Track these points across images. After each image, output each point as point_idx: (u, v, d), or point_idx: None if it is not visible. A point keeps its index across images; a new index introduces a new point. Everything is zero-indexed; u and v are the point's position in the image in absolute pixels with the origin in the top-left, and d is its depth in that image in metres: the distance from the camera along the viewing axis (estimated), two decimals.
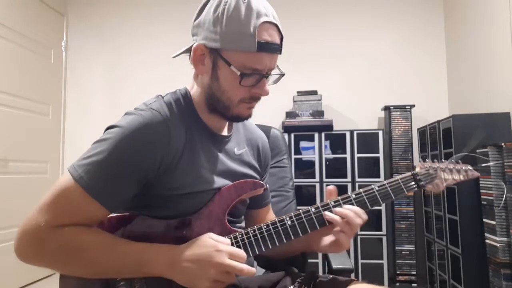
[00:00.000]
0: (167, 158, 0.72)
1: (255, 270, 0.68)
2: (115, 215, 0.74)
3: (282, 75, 0.79)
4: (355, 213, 0.74)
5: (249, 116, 0.81)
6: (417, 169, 0.81)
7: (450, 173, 0.82)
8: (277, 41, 0.73)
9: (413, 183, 0.79)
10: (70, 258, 0.67)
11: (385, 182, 0.77)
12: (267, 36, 0.70)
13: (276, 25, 0.72)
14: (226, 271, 0.65)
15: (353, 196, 0.76)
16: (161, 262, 0.67)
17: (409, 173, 0.79)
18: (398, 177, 0.79)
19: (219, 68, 0.73)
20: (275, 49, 0.72)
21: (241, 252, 0.68)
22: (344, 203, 0.76)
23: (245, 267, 0.66)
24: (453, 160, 0.84)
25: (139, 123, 0.70)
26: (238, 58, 0.71)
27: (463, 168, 0.83)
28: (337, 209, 0.75)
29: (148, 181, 0.72)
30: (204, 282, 0.65)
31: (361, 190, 0.77)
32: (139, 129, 0.69)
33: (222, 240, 0.69)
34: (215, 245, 0.67)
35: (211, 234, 0.70)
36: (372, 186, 0.77)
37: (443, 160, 0.83)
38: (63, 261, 0.67)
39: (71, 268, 0.68)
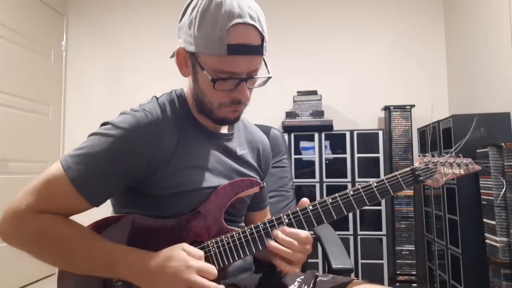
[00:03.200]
0: (157, 158, 0.72)
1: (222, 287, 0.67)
2: (113, 215, 0.74)
3: (269, 77, 0.75)
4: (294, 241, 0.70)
5: (236, 119, 0.79)
6: (416, 164, 0.80)
7: (450, 167, 0.80)
8: (255, 42, 0.68)
9: (412, 178, 0.77)
10: (45, 246, 0.67)
11: (383, 178, 0.76)
12: (241, 38, 0.67)
13: (254, 26, 0.68)
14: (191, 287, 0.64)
15: (351, 193, 0.75)
16: (131, 268, 0.66)
17: (408, 168, 0.78)
18: (397, 172, 0.77)
19: (197, 71, 0.73)
20: (251, 51, 0.68)
21: (211, 268, 0.65)
22: (342, 200, 0.74)
23: (213, 285, 0.64)
24: (453, 154, 0.83)
25: (130, 124, 0.71)
26: (210, 62, 0.69)
27: (464, 161, 0.81)
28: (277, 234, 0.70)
29: (136, 180, 0.73)
30: None
31: (359, 186, 0.76)
32: (129, 129, 0.70)
33: (194, 253, 0.66)
34: (185, 260, 0.64)
35: (185, 246, 0.67)
36: (370, 182, 0.76)
37: (443, 154, 0.82)
38: (39, 248, 0.68)
39: (46, 256, 0.69)
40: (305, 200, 0.76)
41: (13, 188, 2.35)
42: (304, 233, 0.71)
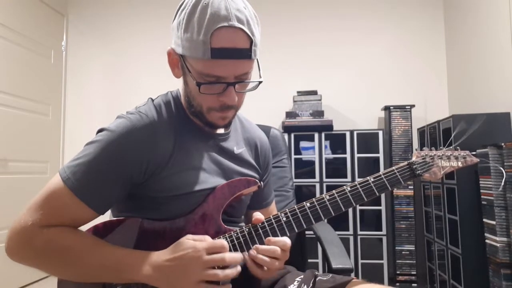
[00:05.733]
0: (154, 161, 0.72)
1: (241, 255, 0.67)
2: (112, 219, 0.74)
3: (260, 82, 0.73)
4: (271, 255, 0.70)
5: (225, 126, 0.79)
6: (413, 158, 0.80)
7: (447, 160, 0.80)
8: (242, 46, 0.66)
9: (409, 172, 0.77)
10: (55, 258, 0.67)
11: (381, 173, 0.76)
12: (226, 41, 0.65)
13: (242, 29, 0.66)
14: (209, 268, 0.64)
15: (348, 189, 0.75)
16: (141, 268, 0.66)
17: (405, 163, 0.78)
18: (394, 167, 0.77)
19: (186, 73, 0.73)
20: (238, 55, 0.66)
21: (218, 243, 0.66)
22: (340, 197, 0.74)
23: (227, 255, 0.65)
24: (451, 147, 0.82)
25: (126, 127, 0.71)
26: (196, 66, 0.69)
27: (461, 154, 0.81)
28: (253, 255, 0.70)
29: (136, 183, 0.72)
30: (187, 284, 0.64)
31: (356, 182, 0.76)
32: (125, 133, 0.70)
33: (200, 238, 0.67)
34: (193, 245, 0.65)
35: (189, 235, 0.68)
36: (368, 178, 0.76)
37: (440, 147, 0.82)
38: (49, 262, 0.68)
39: (56, 269, 0.69)
40: (260, 216, 0.74)
41: (13, 188, 2.36)
42: (287, 241, 0.72)
